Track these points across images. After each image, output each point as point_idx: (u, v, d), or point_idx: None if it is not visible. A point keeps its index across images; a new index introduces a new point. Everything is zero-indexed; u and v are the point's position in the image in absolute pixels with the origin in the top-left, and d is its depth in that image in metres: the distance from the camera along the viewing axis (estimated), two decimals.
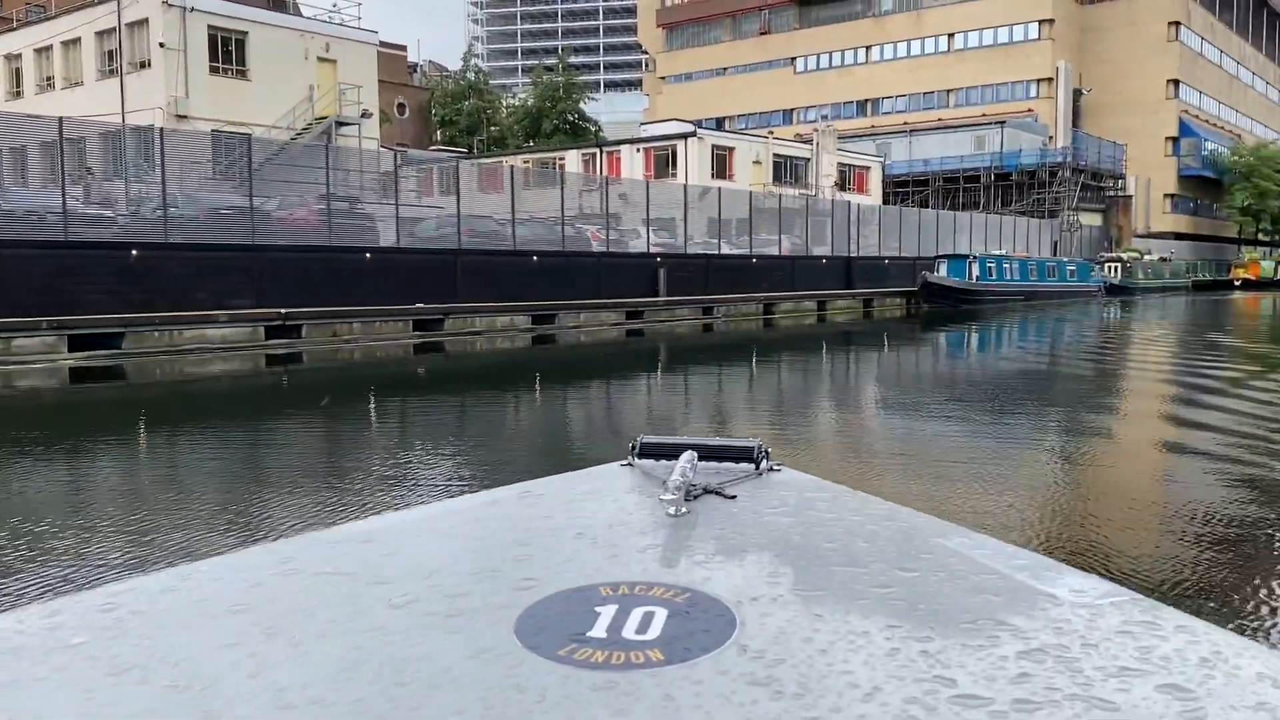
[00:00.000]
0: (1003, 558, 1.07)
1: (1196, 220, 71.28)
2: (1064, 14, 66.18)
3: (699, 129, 44.01)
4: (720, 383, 16.08)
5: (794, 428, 10.90)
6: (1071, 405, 12.89)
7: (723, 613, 0.90)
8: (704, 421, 11.32)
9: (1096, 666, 0.81)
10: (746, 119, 72.39)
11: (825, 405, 13.33)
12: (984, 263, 37.45)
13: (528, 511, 1.27)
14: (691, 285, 28.13)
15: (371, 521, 1.24)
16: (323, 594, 0.98)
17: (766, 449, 1.43)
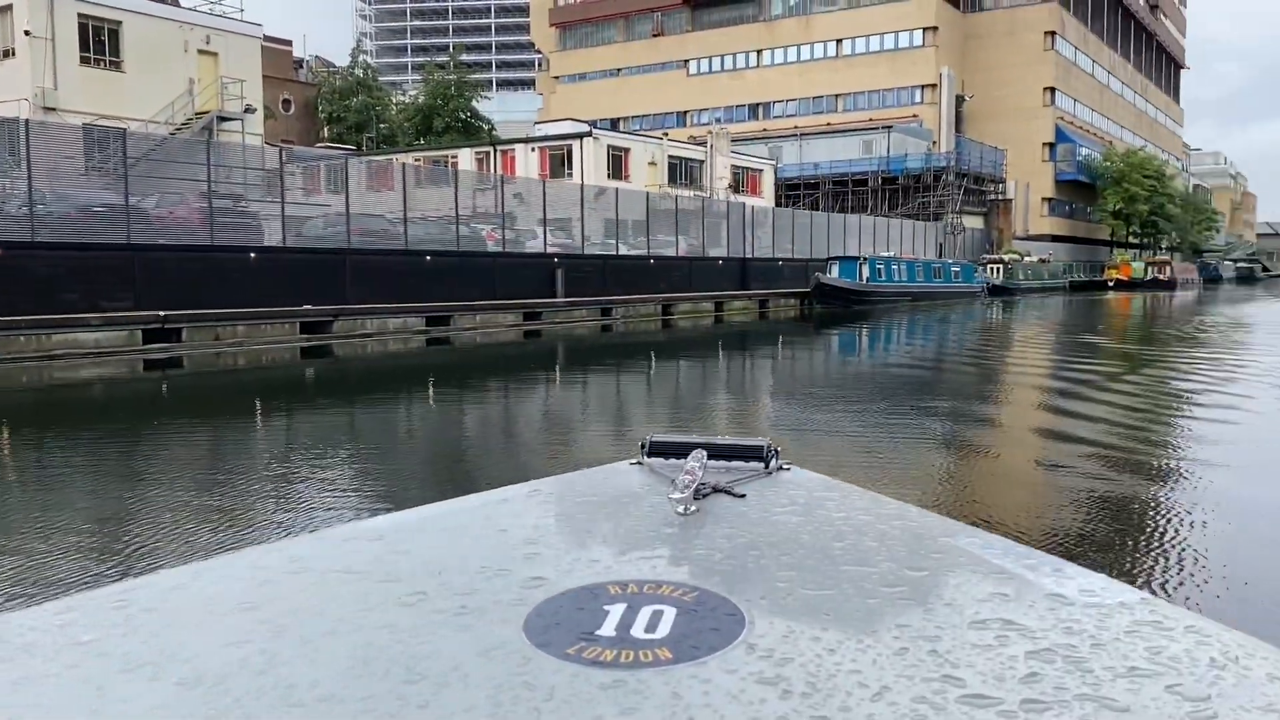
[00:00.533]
0: (1013, 557, 1.07)
1: (1072, 223, 74.28)
2: (947, 22, 68.20)
3: (594, 129, 43.81)
4: (619, 384, 15.91)
5: (693, 426, 10.80)
6: (957, 398, 13.47)
7: (731, 612, 0.90)
8: (604, 424, 11.13)
9: (1106, 667, 0.80)
10: (641, 120, 72.62)
11: (723, 403, 13.27)
12: (874, 264, 38.24)
13: (537, 509, 1.28)
14: (590, 286, 27.91)
15: (381, 520, 1.23)
16: (333, 592, 0.98)
17: (776, 448, 1.43)
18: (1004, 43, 69.72)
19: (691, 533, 1.14)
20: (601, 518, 1.22)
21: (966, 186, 58.17)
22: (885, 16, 68.26)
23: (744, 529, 1.16)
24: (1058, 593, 0.97)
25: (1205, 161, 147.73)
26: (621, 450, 7.20)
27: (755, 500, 1.28)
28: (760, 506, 1.26)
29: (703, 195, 40.27)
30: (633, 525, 1.18)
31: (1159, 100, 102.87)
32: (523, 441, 10.04)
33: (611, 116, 69.46)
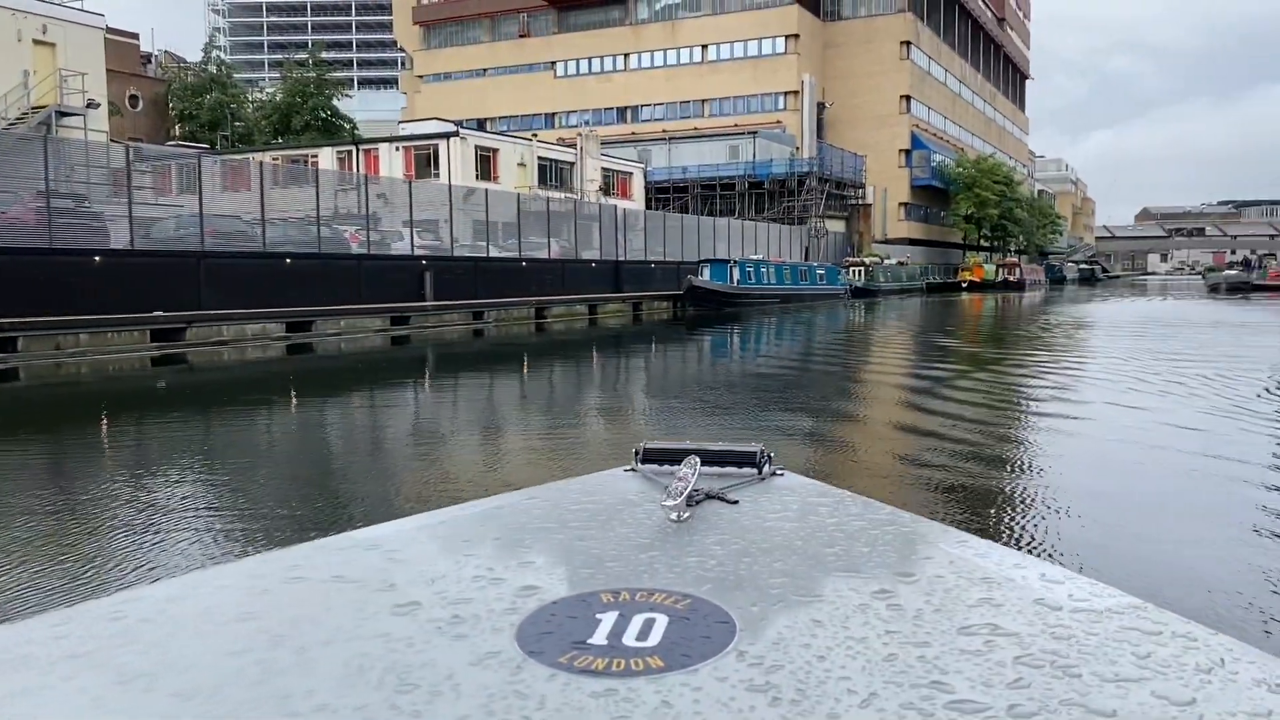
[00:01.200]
0: (1006, 563, 1.08)
1: (927, 227, 77.01)
2: (808, 30, 69.80)
3: (461, 129, 43.02)
4: (491, 390, 15.45)
5: (566, 429, 10.50)
6: (822, 396, 13.79)
7: (723, 619, 0.91)
8: (474, 434, 10.72)
9: (1094, 673, 0.81)
10: (508, 121, 71.91)
11: (596, 407, 13.01)
12: (744, 267, 38.71)
13: (530, 517, 1.27)
14: (460, 289, 27.28)
15: (377, 528, 1.23)
16: (328, 601, 0.99)
17: (770, 453, 1.45)
18: (862, 51, 71.79)
19: (684, 540, 1.14)
20: (595, 525, 1.21)
21: (829, 191, 59.59)
22: (748, 23, 69.41)
23: (737, 535, 1.16)
24: (1047, 598, 0.97)
25: (1049, 168, 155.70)
26: (493, 465, 6.75)
27: (748, 506, 1.28)
28: (753, 513, 1.26)
29: (574, 197, 40.00)
30: (626, 533, 1.18)
31: (1006, 109, 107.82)
32: (385, 457, 9.49)
33: (478, 117, 68.54)
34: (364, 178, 30.93)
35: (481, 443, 9.98)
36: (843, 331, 29.76)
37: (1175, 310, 39.07)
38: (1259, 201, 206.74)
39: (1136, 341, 21.50)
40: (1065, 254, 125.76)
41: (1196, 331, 24.98)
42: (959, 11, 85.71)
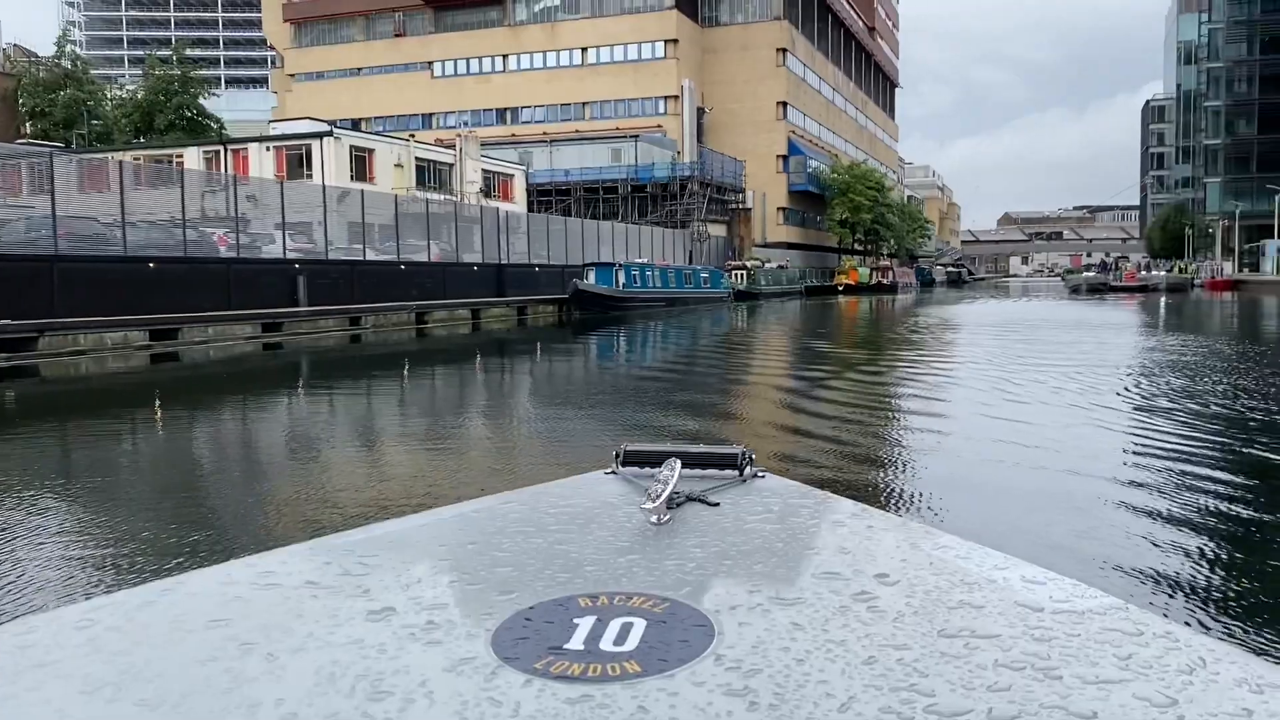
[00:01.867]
0: (988, 565, 1.08)
1: (805, 231, 78.48)
2: (687, 36, 70.32)
3: (335, 129, 41.71)
4: (369, 401, 14.77)
5: (450, 438, 10.05)
6: (707, 396, 13.75)
7: (701, 623, 0.90)
8: (345, 449, 10.16)
9: (1075, 675, 0.81)
10: (384, 121, 70.29)
11: (479, 416, 12.54)
12: (629, 270, 38.58)
13: (508, 521, 1.25)
14: (336, 294, 26.31)
15: (352, 533, 1.21)
16: (301, 607, 0.97)
17: (751, 455, 1.43)
18: (740, 58, 72.70)
19: (664, 543, 1.14)
20: (574, 529, 1.20)
21: (710, 196, 60.08)
22: (628, 27, 69.53)
23: (717, 538, 1.15)
24: (1029, 600, 0.97)
25: (917, 174, 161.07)
26: (368, 483, 6.14)
27: (729, 509, 1.27)
28: (734, 515, 1.25)
29: (453, 199, 39.19)
30: (605, 536, 1.16)
31: (877, 116, 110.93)
32: (246, 476, 8.77)
33: (353, 117, 66.75)
34: (233, 178, 29.57)
35: (354, 459, 9.41)
36: (727, 334, 29.86)
37: (1040, 311, 40.58)
38: (1112, 207, 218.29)
39: (1003, 342, 22.08)
40: (934, 257, 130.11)
41: (1060, 331, 25.87)
42: (832, 20, 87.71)
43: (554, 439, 10.08)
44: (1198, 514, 6.11)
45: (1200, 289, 63.45)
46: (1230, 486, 6.90)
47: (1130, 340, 23.41)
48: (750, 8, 74.07)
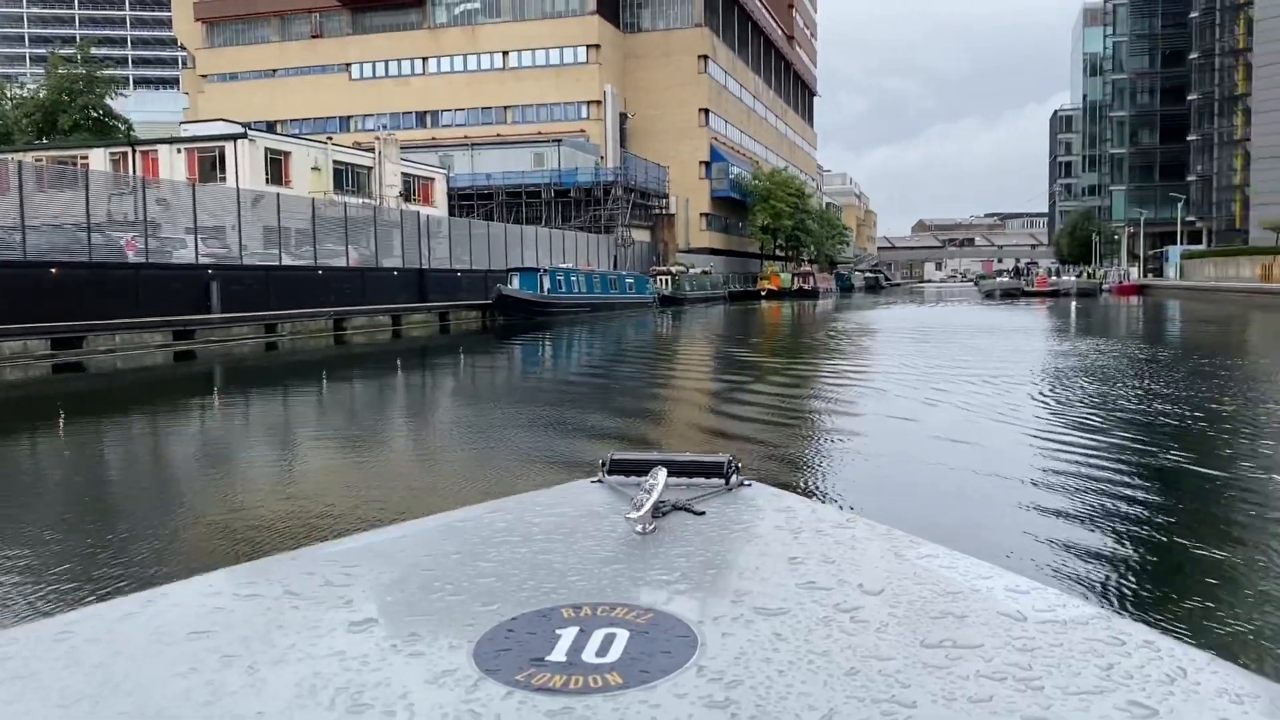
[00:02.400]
0: (972, 574, 1.07)
1: (727, 237, 79.02)
2: (609, 41, 70.27)
3: (250, 130, 40.64)
4: (284, 413, 14.28)
5: (364, 453, 9.72)
6: (632, 400, 13.64)
7: (684, 633, 0.90)
8: (253, 464, 9.76)
9: (1058, 686, 0.81)
10: (301, 124, 68.78)
11: (400, 426, 12.21)
12: (554, 275, 38.31)
13: (493, 530, 1.24)
14: (251, 300, 25.55)
15: (336, 543, 1.20)
16: (283, 617, 0.97)
17: (737, 464, 1.43)
18: (662, 64, 72.89)
19: (649, 552, 1.13)
20: (558, 538, 1.19)
21: (634, 201, 60.05)
22: (549, 31, 69.21)
23: (701, 547, 1.15)
24: (1013, 610, 0.96)
25: (834, 182, 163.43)
26: (281, 497, 5.77)
27: (714, 518, 1.26)
28: (719, 524, 1.24)
29: (373, 203, 38.46)
30: (590, 545, 1.16)
31: (796, 124, 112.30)
32: (146, 496, 8.31)
33: (268, 119, 65.19)
34: (142, 181, 28.55)
35: (264, 473, 9.03)
36: (653, 340, 29.79)
37: (956, 316, 41.35)
38: (1021, 214, 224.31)
39: (921, 347, 22.35)
40: (852, 263, 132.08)
41: (976, 336, 26.32)
42: (752, 29, 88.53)
43: (476, 451, 9.79)
44: (1091, 507, 6.30)
45: (1108, 294, 65.38)
46: (1128, 487, 6.99)
47: (1044, 345, 23.89)
48: (672, 14, 74.32)
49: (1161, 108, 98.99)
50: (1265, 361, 18.93)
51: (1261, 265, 49.30)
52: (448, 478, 8.30)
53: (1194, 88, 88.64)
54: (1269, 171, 73.45)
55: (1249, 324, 31.56)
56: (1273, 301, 39.17)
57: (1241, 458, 8.23)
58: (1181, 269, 72.34)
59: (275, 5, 74.48)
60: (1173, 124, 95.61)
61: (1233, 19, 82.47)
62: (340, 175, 43.84)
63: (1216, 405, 11.34)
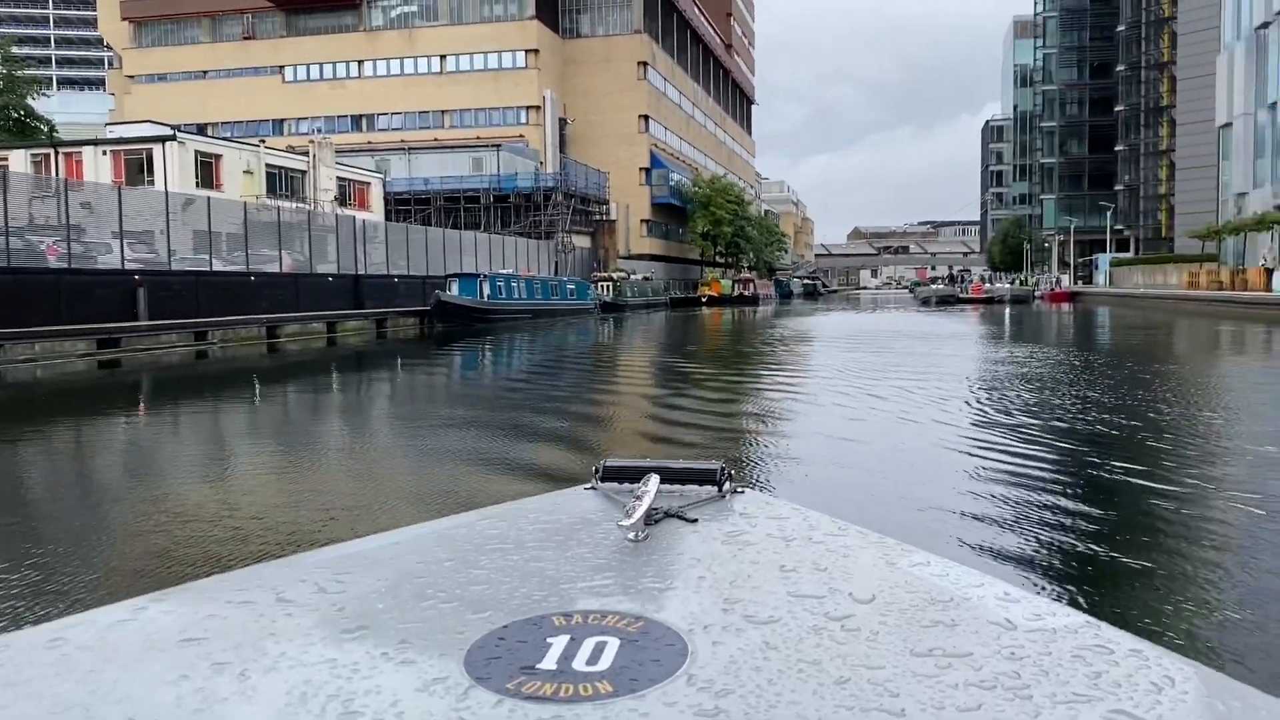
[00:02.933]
0: (964, 583, 1.08)
1: (668, 244, 79.00)
2: (548, 46, 69.91)
3: (180, 133, 39.57)
4: (215, 424, 13.76)
5: (291, 467, 9.30)
6: (575, 405, 13.20)
7: (674, 642, 0.90)
8: (176, 481, 9.31)
9: (1047, 694, 0.81)
10: (233, 127, 67.23)
11: (333, 439, 11.78)
12: (494, 281, 37.80)
13: (485, 538, 1.24)
14: (181, 306, 24.76)
15: (327, 550, 1.20)
16: (275, 625, 0.96)
17: (730, 471, 1.43)
18: (601, 70, 72.70)
19: (641, 560, 1.13)
20: (551, 546, 1.19)
21: (575, 207, 59.73)
22: (487, 35, 68.64)
23: (693, 555, 1.15)
24: (1003, 618, 0.97)
25: (773, 190, 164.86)
26: (202, 517, 5.37)
27: (707, 525, 1.26)
28: (711, 531, 1.24)
29: (307, 208, 37.65)
30: (582, 553, 1.16)
31: (735, 132, 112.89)
32: (55, 519, 7.86)
33: (199, 122, 63.62)
34: (64, 183, 27.54)
35: (172, 491, 8.58)
36: (595, 347, 29.51)
37: (895, 322, 41.73)
38: (954, 222, 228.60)
39: (860, 355, 22.35)
40: (790, 270, 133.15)
41: (914, 342, 26.51)
42: (691, 36, 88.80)
43: (403, 468, 9.40)
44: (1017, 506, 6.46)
45: (1041, 301, 66.62)
46: (1058, 493, 6.93)
47: (981, 351, 24.09)
48: (611, 20, 74.17)
49: (1090, 118, 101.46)
50: (1190, 368, 19.26)
51: (1188, 273, 50.61)
52: (372, 497, 7.86)
53: (1121, 99, 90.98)
54: (1193, 182, 75.58)
55: (1176, 329, 32.25)
56: (1200, 308, 40.18)
57: (1188, 467, 8.22)
58: (1111, 276, 74.07)
59: (205, 5, 72.89)
60: (1101, 134, 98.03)
61: (1158, 32, 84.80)
62: (273, 179, 42.92)
63: (1156, 415, 11.40)
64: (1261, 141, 47.59)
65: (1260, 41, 47.28)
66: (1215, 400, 13.45)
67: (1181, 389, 14.44)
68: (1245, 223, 43.52)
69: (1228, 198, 52.60)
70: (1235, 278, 42.65)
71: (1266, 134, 46.94)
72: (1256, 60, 47.71)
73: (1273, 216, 40.77)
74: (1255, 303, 33.89)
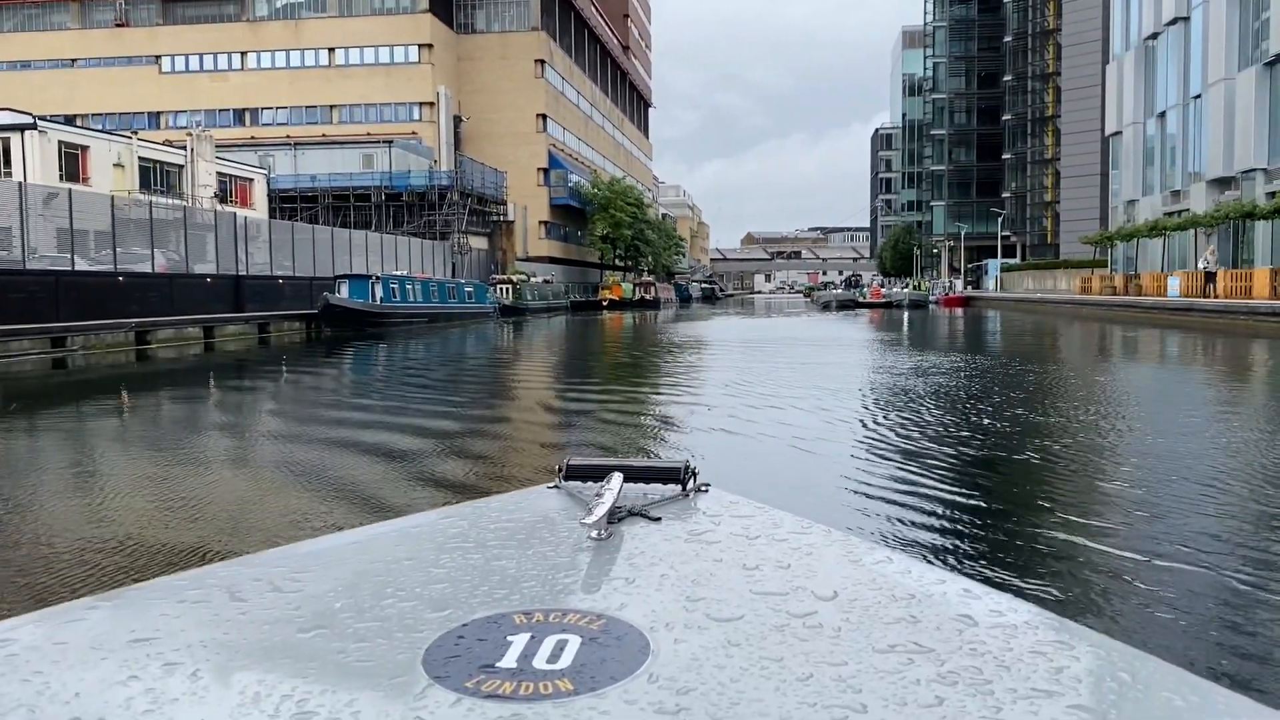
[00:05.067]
0: (927, 579, 1.09)
1: (567, 246, 77.52)
2: (442, 41, 67.79)
3: (41, 122, 36.49)
4: (70, 437, 11.90)
5: (114, 495, 7.68)
6: (470, 423, 11.56)
7: (636, 640, 0.90)
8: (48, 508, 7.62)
9: (1008, 689, 0.81)
10: (105, 119, 63.26)
11: (184, 460, 10.10)
12: (387, 283, 35.68)
13: (447, 536, 1.22)
14: (37, 310, 22.34)
15: (284, 549, 1.18)
16: (229, 624, 0.95)
17: (694, 468, 1.42)
18: (498, 67, 70.89)
19: (604, 558, 1.13)
20: (513, 544, 1.18)
21: (471, 207, 57.75)
22: (379, 28, 66.22)
23: (656, 553, 1.15)
24: (965, 614, 0.98)
25: (669, 194, 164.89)
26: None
27: (670, 523, 1.26)
28: (675, 530, 1.24)
29: (183, 204, 35.05)
30: (545, 551, 1.16)
31: (633, 135, 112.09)
32: None
33: (67, 113, 59.54)
34: None
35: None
36: (496, 353, 27.92)
37: (800, 328, 41.06)
38: (843, 228, 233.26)
39: (773, 365, 21.32)
40: (688, 274, 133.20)
41: (821, 350, 25.77)
42: (588, 36, 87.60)
43: (255, 493, 7.87)
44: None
45: (935, 305, 67.36)
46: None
47: (894, 361, 23.36)
48: (507, 16, 72.41)
49: (978, 127, 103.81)
50: (1097, 372, 18.82)
51: (1081, 279, 51.53)
52: (207, 529, 6.40)
53: (1008, 108, 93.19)
54: (1077, 189, 77.70)
55: (1073, 333, 32.32)
56: (1099, 313, 40.70)
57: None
58: (1001, 281, 75.51)
59: None
60: (988, 143, 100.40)
61: (1043, 44, 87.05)
62: (147, 173, 40.07)
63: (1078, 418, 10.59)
64: (1151, 150, 48.68)
65: (1149, 52, 48.36)
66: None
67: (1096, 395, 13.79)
68: (1138, 229, 44.36)
69: (1117, 205, 53.77)
70: (1129, 283, 43.41)
71: (1155, 143, 48.03)
72: (1145, 70, 48.79)
73: (1166, 223, 41.60)
74: (1156, 307, 34.29)
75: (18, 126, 35.73)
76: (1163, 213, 45.00)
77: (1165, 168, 46.83)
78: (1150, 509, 6.56)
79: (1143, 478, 7.78)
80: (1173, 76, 45.41)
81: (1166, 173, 46.71)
